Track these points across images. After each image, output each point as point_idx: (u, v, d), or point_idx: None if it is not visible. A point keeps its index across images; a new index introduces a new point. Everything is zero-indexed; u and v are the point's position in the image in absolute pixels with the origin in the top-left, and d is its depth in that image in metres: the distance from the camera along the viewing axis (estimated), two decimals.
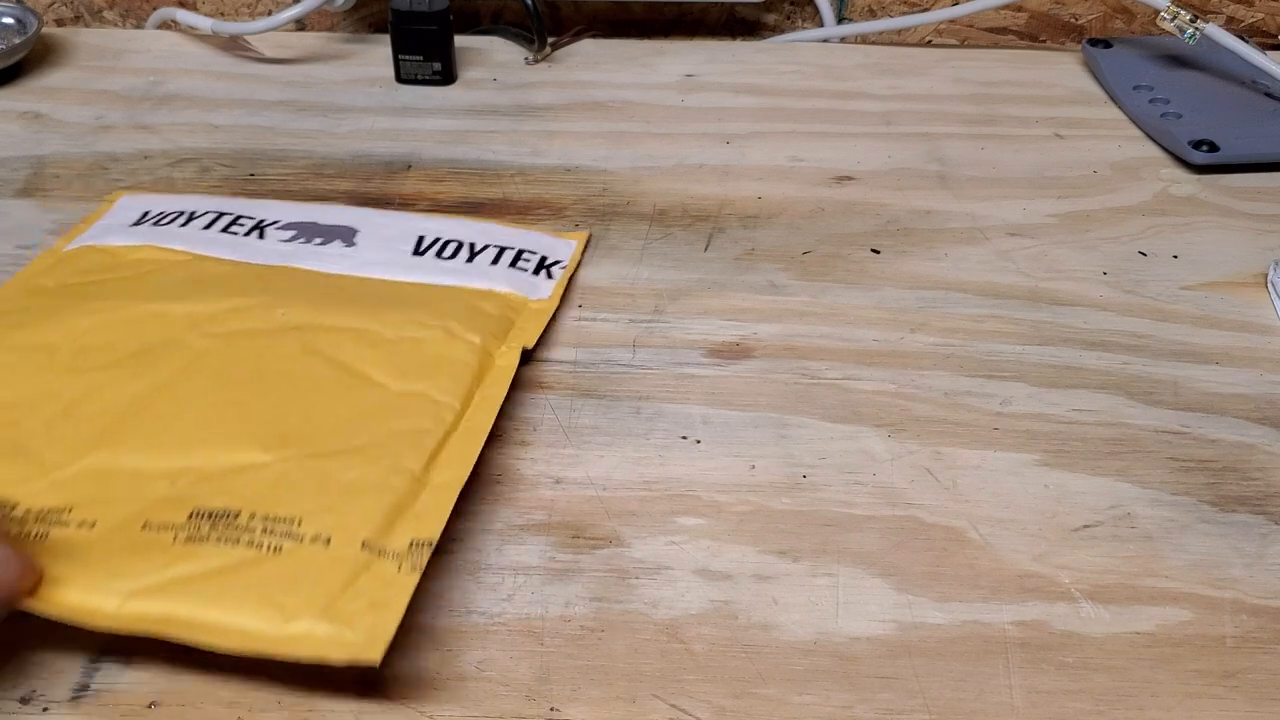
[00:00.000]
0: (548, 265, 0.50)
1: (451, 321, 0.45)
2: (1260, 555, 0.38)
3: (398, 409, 0.40)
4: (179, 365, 0.42)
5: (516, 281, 0.49)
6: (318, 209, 0.53)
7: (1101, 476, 0.41)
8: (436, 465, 0.38)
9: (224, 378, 0.41)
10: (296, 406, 0.40)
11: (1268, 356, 0.47)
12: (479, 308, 0.46)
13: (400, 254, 0.50)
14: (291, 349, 0.43)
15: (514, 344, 0.45)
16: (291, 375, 0.42)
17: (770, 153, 0.61)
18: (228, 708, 0.32)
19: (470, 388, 0.42)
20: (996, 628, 0.35)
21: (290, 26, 0.70)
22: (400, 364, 0.42)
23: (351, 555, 0.34)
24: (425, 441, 0.39)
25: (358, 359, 0.42)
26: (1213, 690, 0.34)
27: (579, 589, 0.36)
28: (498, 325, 0.46)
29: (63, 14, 0.77)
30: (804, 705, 0.33)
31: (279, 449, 0.38)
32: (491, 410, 0.41)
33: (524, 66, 0.69)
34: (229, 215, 0.52)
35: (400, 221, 0.52)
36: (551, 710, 0.32)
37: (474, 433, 0.40)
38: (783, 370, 0.45)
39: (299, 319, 0.44)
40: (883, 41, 0.78)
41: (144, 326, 0.44)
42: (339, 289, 0.47)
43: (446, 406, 0.40)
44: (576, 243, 0.52)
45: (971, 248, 0.53)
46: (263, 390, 0.41)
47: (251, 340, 0.43)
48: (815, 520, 0.39)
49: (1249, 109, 0.65)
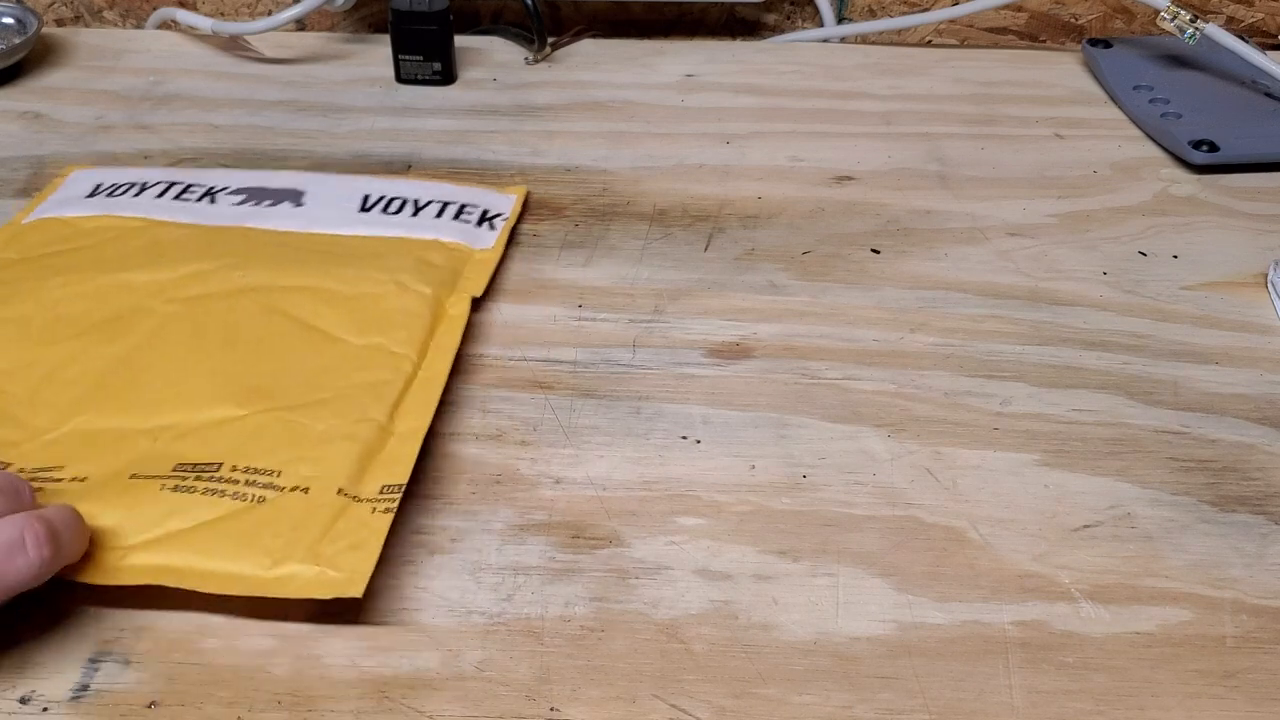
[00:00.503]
0: (490, 218, 0.53)
1: (402, 275, 0.47)
2: (1260, 555, 0.38)
3: (359, 362, 0.43)
4: (149, 330, 0.44)
5: (461, 232, 0.51)
6: (265, 174, 0.55)
7: (1101, 476, 0.41)
8: (400, 414, 0.41)
9: (193, 340, 0.44)
10: (264, 363, 0.42)
11: (1268, 356, 0.47)
12: (427, 259, 0.49)
13: (347, 211, 0.52)
14: (253, 309, 0.45)
15: (463, 293, 0.48)
16: (257, 334, 0.44)
17: (770, 153, 0.61)
18: (228, 708, 0.32)
19: (425, 338, 0.44)
20: (996, 628, 0.35)
21: (290, 26, 0.70)
22: (357, 319, 0.45)
23: (329, 501, 0.36)
24: (387, 392, 0.41)
25: (317, 316, 0.45)
26: (1213, 690, 0.34)
27: (579, 589, 0.36)
28: (446, 276, 0.48)
29: (63, 14, 0.77)
30: (804, 705, 0.33)
31: (251, 403, 0.40)
32: (447, 358, 0.44)
33: (524, 66, 0.69)
34: (180, 184, 0.54)
35: (346, 182, 0.55)
36: (551, 710, 0.32)
37: (432, 381, 0.43)
38: (783, 370, 0.45)
39: (257, 280, 0.47)
40: (883, 41, 0.78)
41: (111, 295, 0.46)
42: (292, 246, 0.50)
43: (404, 357, 0.43)
44: (516, 196, 0.55)
45: (971, 248, 0.53)
46: (231, 349, 0.43)
47: (215, 303, 0.46)
48: (815, 520, 0.39)
49: (1249, 109, 0.65)
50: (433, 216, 0.52)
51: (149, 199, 0.53)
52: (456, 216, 0.52)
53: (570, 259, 0.51)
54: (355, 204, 0.53)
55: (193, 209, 0.52)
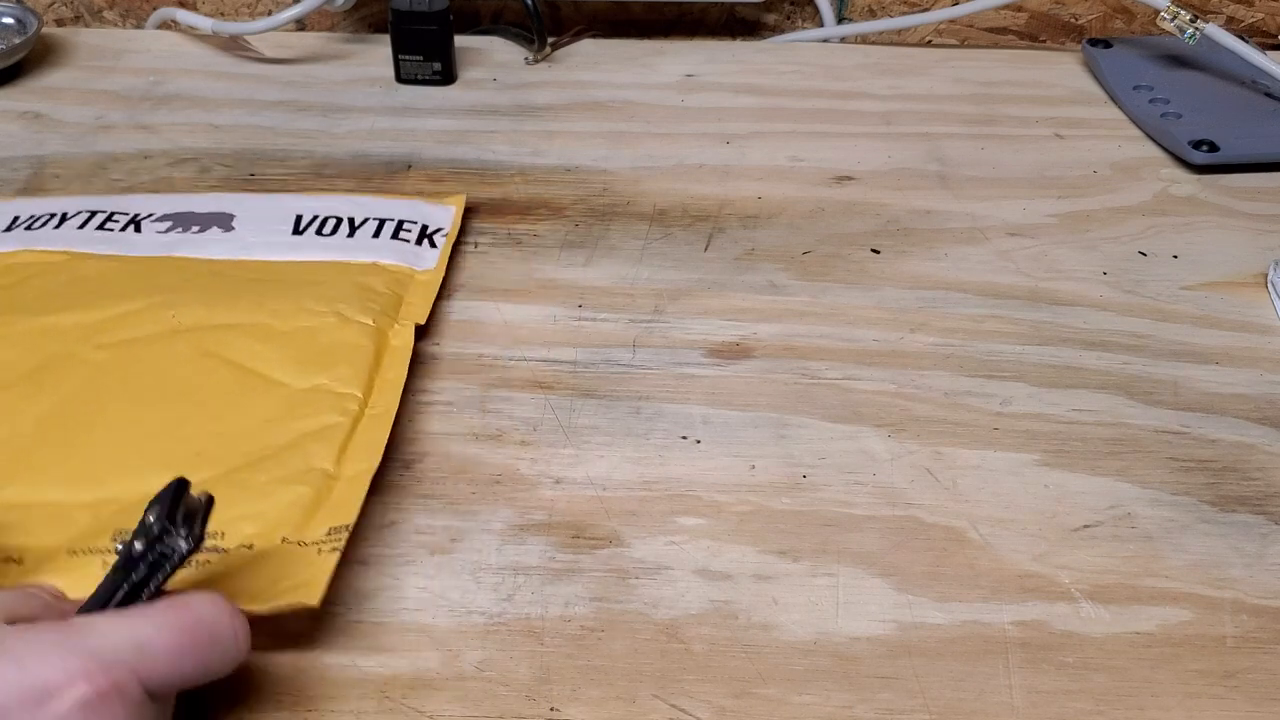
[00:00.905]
0: (429, 234, 0.51)
1: (341, 305, 0.45)
2: (1260, 555, 0.38)
3: (302, 407, 0.41)
4: (79, 382, 0.41)
5: (400, 253, 0.49)
6: (191, 199, 0.53)
7: (1101, 476, 0.41)
8: (346, 458, 0.39)
9: (127, 394, 0.41)
10: (205, 421, 0.40)
11: (1268, 356, 0.47)
12: (367, 285, 0.47)
13: (279, 234, 0.50)
14: (188, 353, 0.43)
15: (406, 321, 0.46)
16: (193, 384, 0.41)
17: (770, 153, 0.61)
18: (228, 708, 0.32)
19: (369, 374, 0.42)
20: (996, 628, 0.35)
21: (290, 26, 0.70)
22: (297, 357, 0.43)
23: (275, 550, 0.35)
24: (334, 435, 0.39)
25: (254, 358, 0.43)
26: (1213, 690, 0.34)
27: (579, 589, 0.36)
28: (388, 303, 0.46)
29: (63, 14, 0.77)
30: (804, 705, 0.33)
31: (195, 470, 0.36)
32: (394, 394, 0.42)
33: (524, 66, 0.69)
34: (102, 213, 0.51)
35: (276, 202, 0.53)
36: (551, 710, 0.32)
37: (379, 419, 0.41)
38: (783, 370, 0.45)
39: (189, 319, 0.44)
40: (883, 41, 0.78)
41: (37, 341, 0.43)
42: (225, 276, 0.47)
43: (349, 397, 0.41)
44: (455, 207, 0.53)
45: (971, 248, 0.53)
46: (168, 405, 0.41)
47: (147, 348, 0.43)
48: (815, 520, 0.39)
49: (1249, 109, 0.65)
50: (370, 236, 0.50)
51: (70, 230, 0.50)
52: (395, 235, 0.50)
53: (570, 259, 0.51)
54: (288, 226, 0.50)
55: (117, 239, 0.49)
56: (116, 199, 0.53)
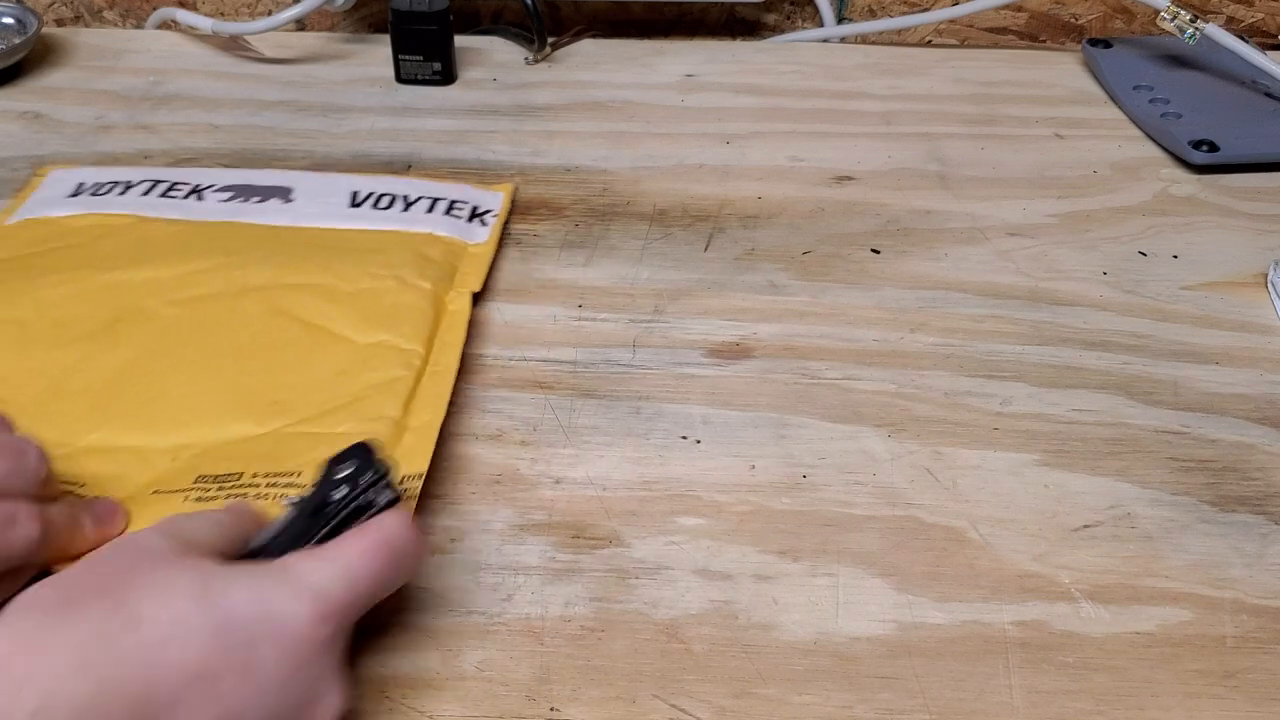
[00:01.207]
0: (480, 214, 0.53)
1: (401, 270, 0.47)
2: (1260, 555, 0.38)
3: (368, 361, 0.43)
4: (153, 335, 0.43)
5: (453, 227, 0.51)
6: (249, 173, 0.55)
7: (1101, 476, 0.41)
8: (413, 409, 0.41)
9: (200, 347, 0.43)
10: (277, 372, 0.42)
11: (1268, 356, 0.47)
12: (424, 254, 0.49)
13: (337, 206, 0.52)
14: (258, 310, 0.45)
15: (461, 288, 0.48)
16: (264, 338, 0.44)
17: (770, 153, 0.61)
18: None
19: (429, 333, 0.45)
20: (996, 628, 0.35)
21: (290, 26, 0.70)
22: (361, 315, 0.45)
23: None
24: (399, 388, 0.41)
25: (320, 315, 0.45)
26: (1213, 690, 0.34)
27: (579, 589, 0.36)
28: (444, 271, 0.48)
29: (63, 14, 0.77)
30: (804, 705, 0.33)
31: (270, 420, 0.40)
32: (454, 354, 0.44)
33: (524, 66, 0.69)
34: (165, 182, 0.54)
35: (332, 180, 0.55)
36: (551, 710, 0.32)
37: (441, 375, 0.43)
38: (783, 370, 0.45)
39: (258, 279, 0.46)
40: (883, 41, 0.78)
41: (109, 296, 0.45)
42: (286, 242, 0.49)
43: (413, 353, 0.43)
44: (503, 194, 0.55)
45: (971, 248, 0.53)
46: (241, 357, 0.43)
47: (217, 305, 0.45)
48: (815, 520, 0.39)
49: (1249, 109, 0.65)
50: (424, 212, 0.52)
51: (134, 196, 0.52)
52: (447, 212, 0.52)
53: (570, 259, 0.51)
54: (345, 200, 0.53)
55: (180, 205, 0.52)
56: (178, 170, 0.55)
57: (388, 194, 0.53)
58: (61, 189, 0.53)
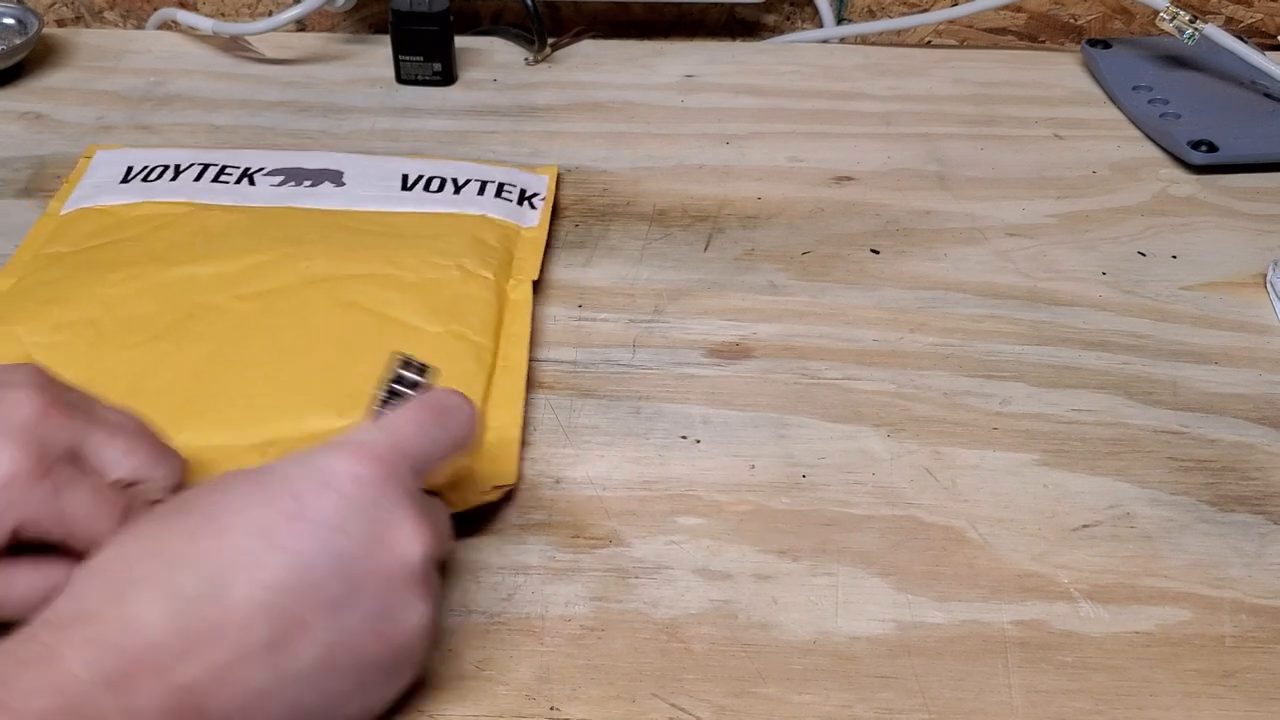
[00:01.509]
0: (528, 197, 0.53)
1: (463, 259, 0.47)
2: (1259, 555, 0.38)
3: (441, 351, 0.42)
4: (226, 331, 0.43)
5: (505, 210, 0.52)
6: (298, 155, 0.55)
7: (1101, 476, 0.41)
8: (489, 408, 0.41)
9: (274, 341, 0.43)
10: (352, 364, 0.42)
11: (1267, 356, 0.47)
12: (482, 239, 0.49)
13: (390, 190, 0.52)
14: (325, 302, 0.45)
15: (520, 277, 0.48)
16: (335, 329, 0.44)
17: (770, 153, 0.61)
18: None
19: (495, 324, 0.45)
20: (996, 627, 0.35)
21: (291, 27, 0.70)
22: (429, 305, 0.45)
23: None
24: (474, 383, 0.41)
25: (389, 305, 0.45)
26: (1212, 690, 0.34)
27: (579, 589, 0.36)
28: (502, 258, 0.49)
29: (63, 14, 0.78)
30: (804, 705, 0.33)
31: (351, 411, 0.39)
32: (522, 349, 0.44)
33: (524, 67, 0.69)
34: (214, 166, 0.53)
35: (381, 163, 0.55)
36: (551, 710, 0.32)
37: (513, 371, 0.43)
38: (782, 370, 0.45)
39: (322, 270, 0.46)
40: (882, 42, 0.78)
41: (178, 292, 0.45)
42: (345, 228, 0.49)
43: (483, 346, 0.43)
44: (549, 176, 0.55)
45: (971, 248, 0.53)
46: (314, 350, 0.43)
47: (285, 298, 0.45)
48: (815, 520, 0.39)
49: (1248, 109, 0.65)
50: (474, 194, 0.52)
51: (186, 182, 0.52)
52: (498, 195, 0.53)
53: (570, 259, 0.52)
54: (396, 183, 0.53)
55: (233, 191, 0.51)
56: (226, 153, 0.55)
57: (437, 176, 0.54)
58: (111, 173, 0.53)
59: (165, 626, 0.26)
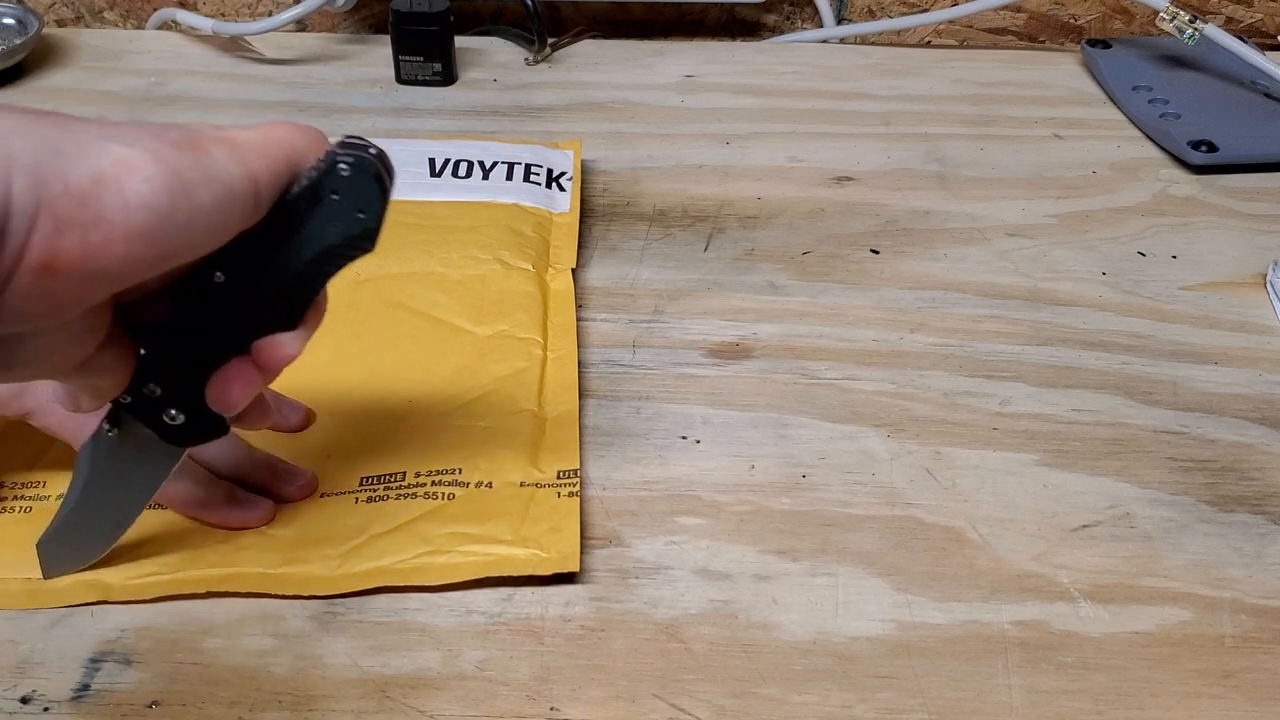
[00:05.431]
0: (556, 178, 0.54)
1: (502, 252, 0.48)
2: (1259, 555, 0.38)
3: (492, 353, 0.43)
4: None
5: (535, 195, 0.52)
6: None
7: (1101, 476, 0.41)
8: (545, 400, 0.42)
9: (330, 345, 0.42)
10: (405, 369, 0.42)
11: (1266, 356, 0.47)
12: (518, 230, 0.50)
13: (419, 176, 0.53)
14: (374, 304, 0.45)
15: (558, 266, 0.49)
16: (387, 332, 0.44)
17: (770, 153, 0.61)
18: (228, 707, 0.32)
19: (542, 318, 0.45)
20: (996, 627, 0.35)
21: (291, 27, 0.70)
22: (475, 304, 0.45)
23: (514, 493, 0.37)
24: (528, 380, 0.42)
25: (435, 306, 0.45)
26: (1212, 690, 0.34)
27: (579, 589, 0.36)
28: (539, 248, 0.49)
29: (64, 15, 0.78)
30: (804, 705, 0.33)
31: (407, 416, 0.40)
32: (569, 337, 0.45)
33: (524, 67, 0.69)
34: None
35: (407, 146, 0.55)
36: (551, 710, 0.33)
37: (564, 361, 0.44)
38: (782, 370, 0.45)
39: (367, 269, 0.46)
40: (882, 42, 0.78)
41: None
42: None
43: (532, 342, 0.44)
44: (572, 152, 0.56)
45: (971, 248, 0.53)
46: (369, 354, 0.43)
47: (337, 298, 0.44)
48: (815, 520, 0.39)
49: (1248, 109, 0.65)
50: (503, 179, 0.53)
51: None
52: (526, 178, 0.53)
53: None
54: (425, 169, 0.53)
55: None
56: None
57: (464, 159, 0.54)
58: None
59: None
